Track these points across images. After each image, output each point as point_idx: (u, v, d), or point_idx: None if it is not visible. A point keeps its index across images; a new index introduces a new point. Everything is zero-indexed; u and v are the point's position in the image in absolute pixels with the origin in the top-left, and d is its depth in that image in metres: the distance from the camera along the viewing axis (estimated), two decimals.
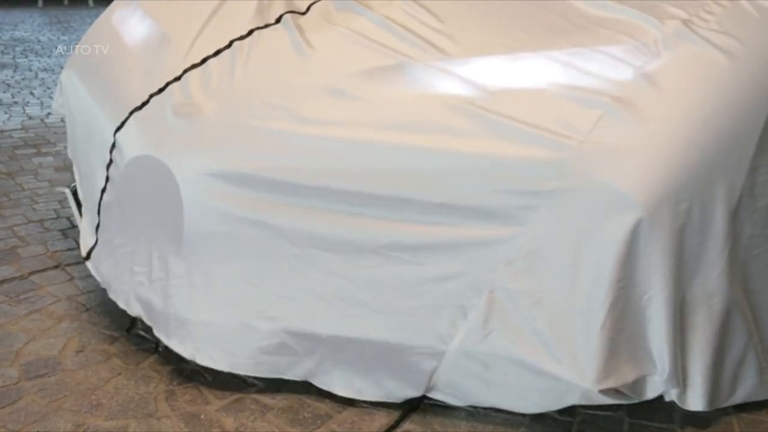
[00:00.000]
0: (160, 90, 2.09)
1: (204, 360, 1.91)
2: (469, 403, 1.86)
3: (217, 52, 2.13)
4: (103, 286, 2.21)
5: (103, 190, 2.18)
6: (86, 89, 2.51)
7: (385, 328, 1.79)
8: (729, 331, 1.72)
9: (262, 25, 2.18)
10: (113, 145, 2.11)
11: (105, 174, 2.16)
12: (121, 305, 2.10)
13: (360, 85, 1.90)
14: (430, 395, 1.86)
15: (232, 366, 1.90)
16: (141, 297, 2.02)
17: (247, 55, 2.09)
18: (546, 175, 1.64)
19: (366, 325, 1.80)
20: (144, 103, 2.10)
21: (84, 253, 2.32)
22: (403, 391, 1.85)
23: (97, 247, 2.25)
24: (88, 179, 2.40)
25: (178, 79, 2.10)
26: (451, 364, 1.77)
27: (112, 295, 2.15)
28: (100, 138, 2.23)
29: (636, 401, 1.74)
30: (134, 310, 2.06)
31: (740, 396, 1.81)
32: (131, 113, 2.10)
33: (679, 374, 1.68)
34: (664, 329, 1.63)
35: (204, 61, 2.12)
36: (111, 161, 2.13)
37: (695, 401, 1.72)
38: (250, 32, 2.16)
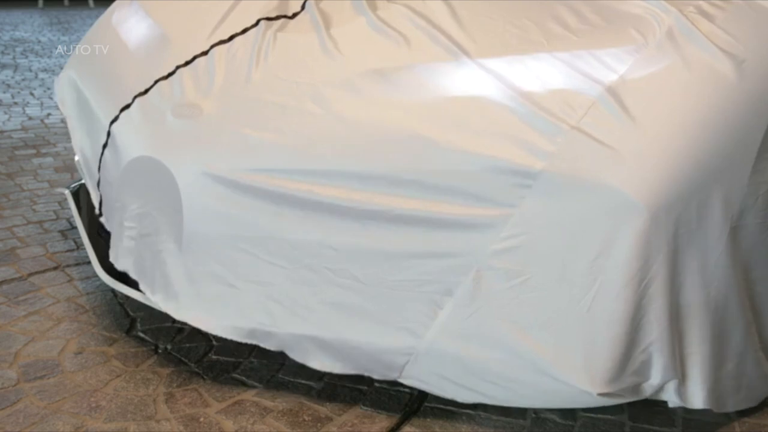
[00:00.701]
0: (187, 63, 2.15)
1: (187, 318, 1.92)
2: (446, 393, 1.83)
3: (244, 30, 2.19)
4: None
5: (105, 146, 2.21)
6: (86, 86, 2.53)
7: (369, 300, 1.78)
8: (727, 321, 1.71)
9: (290, 14, 2.23)
10: (127, 106, 2.15)
11: (107, 129, 2.19)
12: (111, 259, 2.13)
13: (376, 73, 1.92)
14: (403, 380, 1.82)
15: (213, 327, 1.90)
16: (130, 250, 2.05)
17: (272, 37, 2.14)
18: (537, 156, 1.65)
19: (350, 296, 1.79)
20: (170, 74, 2.15)
21: (97, 210, 2.36)
22: (379, 370, 1.83)
23: (104, 203, 2.30)
24: (90, 136, 2.44)
25: (205, 53, 2.15)
26: (432, 345, 1.76)
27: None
28: (108, 103, 2.28)
29: (634, 399, 1.73)
30: (122, 263, 2.09)
31: (742, 392, 1.79)
32: (156, 82, 2.15)
33: (678, 366, 1.67)
34: (662, 322, 1.63)
35: (231, 38, 2.18)
36: (117, 118, 2.17)
37: (695, 396, 1.70)
38: (277, 17, 2.22)
